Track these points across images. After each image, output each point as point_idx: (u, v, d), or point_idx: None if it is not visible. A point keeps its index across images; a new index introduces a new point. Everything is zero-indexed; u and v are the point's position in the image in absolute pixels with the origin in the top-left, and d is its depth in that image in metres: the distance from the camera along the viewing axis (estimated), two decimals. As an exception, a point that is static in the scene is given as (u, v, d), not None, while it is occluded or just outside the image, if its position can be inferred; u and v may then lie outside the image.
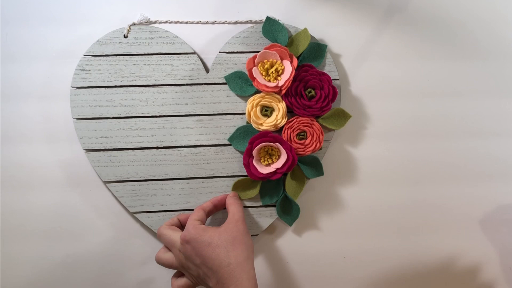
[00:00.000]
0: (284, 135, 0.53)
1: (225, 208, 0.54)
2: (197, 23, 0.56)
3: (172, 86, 0.54)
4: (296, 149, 0.53)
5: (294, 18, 0.56)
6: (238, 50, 0.55)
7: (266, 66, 0.53)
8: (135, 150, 0.54)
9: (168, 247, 0.51)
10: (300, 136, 0.54)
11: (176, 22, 0.56)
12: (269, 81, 0.53)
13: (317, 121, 0.54)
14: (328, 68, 0.56)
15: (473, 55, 0.58)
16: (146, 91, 0.54)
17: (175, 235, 0.49)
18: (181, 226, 0.53)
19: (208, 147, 0.55)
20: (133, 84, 0.54)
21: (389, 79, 0.58)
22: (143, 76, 0.54)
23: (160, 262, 0.51)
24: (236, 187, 0.55)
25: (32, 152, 0.55)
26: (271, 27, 0.55)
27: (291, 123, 0.54)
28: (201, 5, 0.56)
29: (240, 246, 0.47)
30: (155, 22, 0.56)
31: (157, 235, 0.52)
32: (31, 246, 0.55)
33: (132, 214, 0.55)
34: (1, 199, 0.55)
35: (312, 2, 0.57)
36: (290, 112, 0.55)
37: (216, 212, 0.55)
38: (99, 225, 0.56)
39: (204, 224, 0.50)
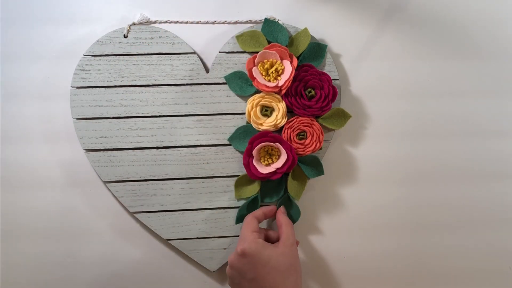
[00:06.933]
0: (284, 135, 0.53)
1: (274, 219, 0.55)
2: (197, 23, 0.56)
3: (172, 86, 0.54)
4: (296, 149, 0.53)
5: (294, 18, 0.56)
6: (238, 50, 0.55)
7: (266, 66, 0.53)
8: (135, 150, 0.54)
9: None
10: (300, 136, 0.54)
11: (176, 22, 0.56)
12: (269, 81, 0.53)
13: (317, 121, 0.54)
14: (328, 68, 0.56)
15: (473, 55, 0.58)
16: (146, 91, 0.54)
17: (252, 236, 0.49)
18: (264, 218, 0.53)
19: (208, 147, 0.55)
20: (133, 84, 0.54)
21: (389, 79, 0.58)
22: (143, 76, 0.54)
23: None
24: (237, 184, 0.55)
25: (32, 152, 0.55)
26: (270, 27, 0.55)
27: (291, 123, 0.53)
28: (201, 5, 0.56)
29: (294, 274, 0.47)
30: (155, 22, 0.56)
31: (245, 221, 0.51)
32: (31, 246, 0.55)
33: (132, 214, 0.55)
34: (1, 199, 0.55)
35: (312, 2, 0.57)
36: (290, 112, 0.55)
37: None
38: (99, 225, 0.56)
39: (258, 233, 0.50)
